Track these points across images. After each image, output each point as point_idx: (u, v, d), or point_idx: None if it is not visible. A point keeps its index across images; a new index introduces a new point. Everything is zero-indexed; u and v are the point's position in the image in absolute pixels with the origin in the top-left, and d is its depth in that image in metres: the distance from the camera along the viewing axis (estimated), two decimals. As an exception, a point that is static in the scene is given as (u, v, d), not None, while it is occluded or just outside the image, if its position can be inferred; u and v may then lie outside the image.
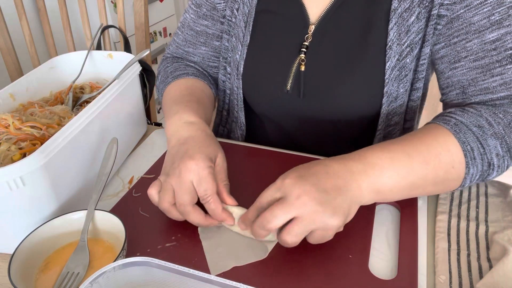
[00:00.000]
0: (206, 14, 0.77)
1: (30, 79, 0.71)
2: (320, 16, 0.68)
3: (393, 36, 0.63)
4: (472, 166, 0.53)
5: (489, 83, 0.59)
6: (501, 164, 0.55)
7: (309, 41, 0.68)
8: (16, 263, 0.46)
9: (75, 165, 0.57)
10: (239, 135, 0.80)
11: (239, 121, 0.79)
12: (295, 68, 0.69)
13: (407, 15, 0.62)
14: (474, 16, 0.58)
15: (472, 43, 0.59)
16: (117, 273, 0.40)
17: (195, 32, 0.79)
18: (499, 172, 0.56)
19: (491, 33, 0.58)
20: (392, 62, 0.64)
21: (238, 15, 0.73)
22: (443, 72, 0.65)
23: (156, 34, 2.16)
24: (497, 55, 0.57)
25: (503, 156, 0.54)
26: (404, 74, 0.65)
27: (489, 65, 0.58)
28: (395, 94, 0.66)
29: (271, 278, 0.48)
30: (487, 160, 0.54)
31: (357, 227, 0.54)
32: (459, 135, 0.54)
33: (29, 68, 0.90)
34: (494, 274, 0.46)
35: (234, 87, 0.76)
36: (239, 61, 0.73)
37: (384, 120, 0.69)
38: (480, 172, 0.54)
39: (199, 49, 0.80)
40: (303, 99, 0.70)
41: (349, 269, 0.49)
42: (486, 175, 0.55)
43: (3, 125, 0.58)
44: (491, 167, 0.54)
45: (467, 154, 0.53)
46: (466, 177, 0.54)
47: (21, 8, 1.19)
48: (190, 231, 0.55)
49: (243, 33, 0.72)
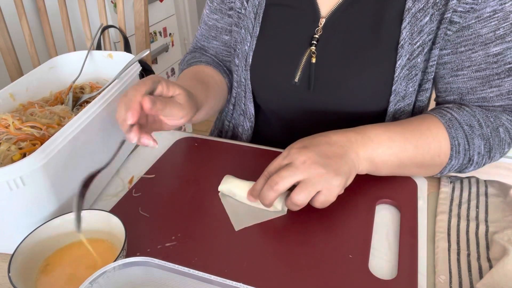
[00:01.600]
0: (216, 8, 0.80)
1: (30, 79, 0.71)
2: (332, 10, 0.68)
3: (406, 35, 0.64)
4: (455, 159, 0.60)
5: (486, 93, 0.63)
6: (479, 161, 0.61)
7: (319, 34, 0.69)
8: (16, 263, 0.46)
9: (75, 165, 0.57)
10: (248, 127, 0.80)
11: (248, 113, 0.79)
12: (305, 60, 0.70)
13: (420, 16, 0.63)
14: (482, 28, 0.60)
15: (477, 54, 0.61)
16: (117, 273, 0.40)
17: (208, 26, 0.82)
18: (476, 167, 0.63)
19: (495, 47, 0.60)
20: (403, 61, 0.65)
21: (248, 6, 0.74)
22: (444, 77, 0.66)
23: (156, 34, 2.16)
24: (497, 68, 0.61)
25: (483, 155, 0.61)
26: (414, 73, 0.66)
27: (489, 77, 0.62)
28: (403, 93, 0.67)
29: (271, 277, 0.48)
30: (469, 156, 0.60)
31: (357, 227, 0.54)
32: (450, 130, 0.59)
33: (29, 68, 0.90)
34: (494, 274, 0.46)
35: (242, 79, 0.77)
36: (248, 52, 0.74)
37: (391, 118, 0.69)
38: (459, 164, 0.61)
39: (211, 43, 0.83)
40: (311, 92, 0.70)
41: (349, 269, 0.49)
42: (464, 168, 0.62)
43: (3, 125, 0.58)
44: (470, 162, 0.61)
45: (453, 148, 0.59)
46: (447, 166, 0.61)
47: (21, 8, 1.19)
48: (190, 231, 0.55)
49: (252, 25, 0.73)
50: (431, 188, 0.62)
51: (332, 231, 0.54)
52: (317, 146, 0.55)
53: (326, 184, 0.52)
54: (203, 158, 0.69)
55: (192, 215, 0.58)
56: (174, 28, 2.34)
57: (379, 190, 0.60)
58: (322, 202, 0.53)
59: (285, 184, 0.51)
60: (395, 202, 0.59)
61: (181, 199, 0.61)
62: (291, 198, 0.52)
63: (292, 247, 0.52)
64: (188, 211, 0.58)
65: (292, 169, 0.52)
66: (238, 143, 0.74)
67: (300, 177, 0.51)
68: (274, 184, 0.51)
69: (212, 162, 0.68)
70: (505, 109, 0.63)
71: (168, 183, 0.64)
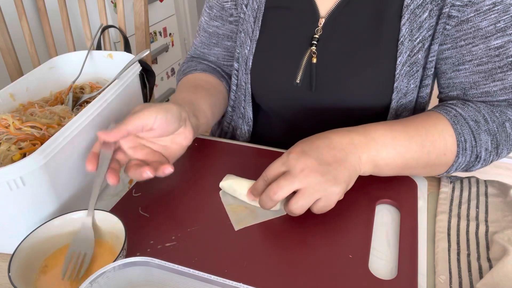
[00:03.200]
0: (216, 15, 0.79)
1: (30, 79, 0.71)
2: (331, 9, 0.68)
3: (405, 31, 0.63)
4: (461, 156, 0.58)
5: (490, 87, 0.61)
6: (487, 158, 0.59)
7: (319, 34, 0.69)
8: (16, 263, 0.46)
9: (75, 165, 0.57)
10: (246, 131, 0.80)
11: (246, 117, 0.79)
12: (305, 60, 0.70)
13: (419, 11, 0.62)
14: (482, 21, 0.60)
15: (478, 48, 0.61)
16: (117, 273, 0.40)
17: (208, 33, 0.82)
18: (483, 165, 0.61)
19: (496, 40, 0.59)
20: (404, 58, 0.64)
21: (247, 10, 0.74)
22: (445, 73, 0.66)
23: (156, 34, 2.16)
24: (500, 61, 0.60)
25: (491, 152, 0.59)
26: (415, 70, 0.66)
27: (491, 71, 0.61)
28: (404, 90, 0.67)
29: (271, 277, 0.48)
30: (476, 153, 0.58)
31: (357, 227, 0.54)
32: (456, 126, 0.58)
33: (29, 68, 0.90)
34: (494, 274, 0.46)
35: (241, 83, 0.77)
36: (248, 56, 0.74)
37: (393, 116, 0.69)
38: (466, 162, 0.59)
39: (213, 50, 0.83)
40: (313, 92, 0.70)
41: (349, 269, 0.49)
42: (471, 166, 0.60)
43: (3, 125, 0.58)
44: (478, 159, 0.59)
45: (459, 145, 0.57)
46: (454, 165, 0.59)
47: (21, 8, 1.19)
48: (190, 231, 0.55)
49: (252, 28, 0.73)
50: (431, 188, 0.62)
51: (332, 231, 0.54)
52: (316, 151, 0.53)
53: (325, 192, 0.51)
54: (203, 158, 0.69)
55: (192, 215, 0.58)
56: (174, 28, 2.34)
57: (379, 190, 0.60)
58: (320, 209, 0.52)
59: (283, 193, 0.51)
60: (395, 202, 0.58)
61: (181, 199, 0.61)
62: (290, 207, 0.51)
63: (292, 247, 0.52)
64: (188, 211, 0.58)
65: (291, 178, 0.51)
66: (238, 143, 0.74)
67: (298, 186, 0.51)
68: (272, 194, 0.51)
69: (212, 162, 0.68)
70: (510, 103, 0.62)
71: (168, 183, 0.64)
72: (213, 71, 0.82)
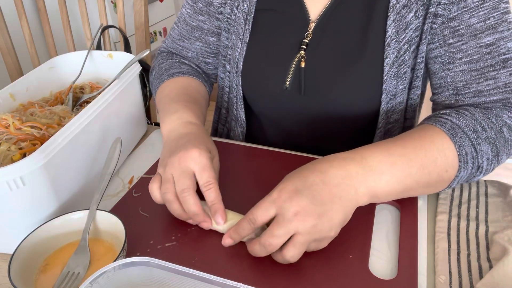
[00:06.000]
0: (202, 10, 0.78)
1: (30, 79, 0.71)
2: (320, 14, 0.68)
3: (392, 33, 0.63)
4: (463, 170, 0.55)
5: (483, 86, 0.60)
6: (489, 167, 0.57)
7: (309, 39, 0.69)
8: (16, 263, 0.46)
9: (75, 165, 0.57)
10: (239, 133, 0.80)
11: (239, 119, 0.79)
12: (294, 64, 0.69)
13: (405, 12, 0.62)
14: (470, 18, 0.59)
15: (468, 45, 0.60)
16: (117, 273, 0.40)
17: (191, 27, 0.80)
18: (485, 174, 0.58)
19: (487, 37, 0.59)
20: (391, 59, 0.64)
21: (238, 12, 0.73)
22: (436, 72, 0.65)
23: (156, 34, 2.16)
24: (491, 59, 0.59)
25: (492, 160, 0.56)
26: (402, 71, 0.65)
27: (483, 69, 0.60)
28: (394, 91, 0.67)
29: (270, 278, 0.48)
30: (477, 164, 0.55)
31: (357, 227, 0.54)
32: (455, 139, 0.55)
33: (29, 68, 0.90)
34: (494, 274, 0.46)
35: (233, 85, 0.77)
36: (239, 58, 0.73)
37: (384, 118, 0.69)
38: (468, 174, 0.56)
39: (193, 44, 0.81)
40: (302, 96, 0.70)
41: (349, 269, 0.49)
42: (472, 177, 0.57)
43: (3, 125, 0.58)
44: (479, 170, 0.56)
45: (461, 158, 0.54)
46: (455, 179, 0.56)
47: (21, 8, 1.19)
48: (190, 231, 0.55)
49: (242, 31, 0.73)
50: (431, 188, 0.62)
51: (332, 231, 0.54)
52: (310, 188, 0.48)
53: (319, 236, 0.48)
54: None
55: (192, 215, 0.57)
56: (174, 28, 2.33)
57: (379, 190, 0.60)
58: (312, 250, 0.50)
59: (279, 242, 0.47)
60: (395, 202, 0.58)
61: (181, 199, 0.61)
62: (284, 256, 0.47)
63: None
64: (188, 211, 0.58)
65: (284, 224, 0.46)
66: (235, 143, 0.74)
67: (293, 232, 0.47)
68: (268, 245, 0.47)
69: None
70: (504, 104, 0.60)
71: (168, 183, 0.64)
72: (198, 75, 0.79)
